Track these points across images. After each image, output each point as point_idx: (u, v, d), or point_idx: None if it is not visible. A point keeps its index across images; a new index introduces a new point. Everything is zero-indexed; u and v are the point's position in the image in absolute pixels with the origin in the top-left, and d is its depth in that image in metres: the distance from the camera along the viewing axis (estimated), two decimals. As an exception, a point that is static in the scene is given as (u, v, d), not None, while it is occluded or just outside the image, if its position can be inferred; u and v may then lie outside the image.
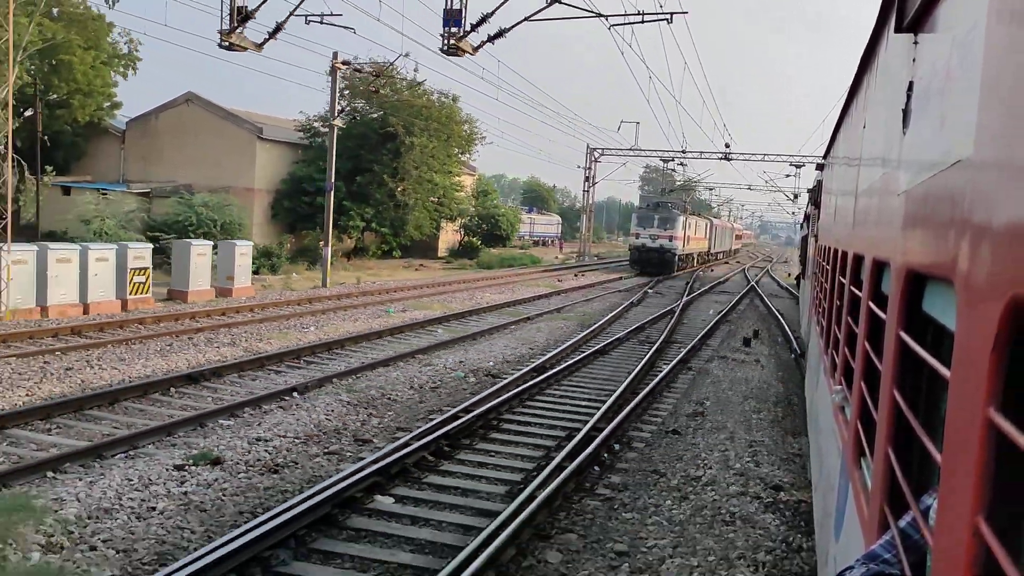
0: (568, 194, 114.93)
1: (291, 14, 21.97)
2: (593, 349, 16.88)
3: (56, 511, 6.80)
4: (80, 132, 37.33)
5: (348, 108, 36.85)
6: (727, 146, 48.42)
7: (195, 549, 6.30)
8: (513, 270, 41.02)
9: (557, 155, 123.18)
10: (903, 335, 2.26)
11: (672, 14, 22.54)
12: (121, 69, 38.45)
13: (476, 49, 20.93)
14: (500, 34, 20.87)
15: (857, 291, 3.99)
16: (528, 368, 14.37)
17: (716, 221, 65.36)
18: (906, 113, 2.60)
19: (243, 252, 23.56)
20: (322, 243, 29.13)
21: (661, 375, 14.32)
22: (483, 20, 20.28)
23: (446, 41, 20.22)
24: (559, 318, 22.72)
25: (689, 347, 17.80)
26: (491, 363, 15.26)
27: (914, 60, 2.54)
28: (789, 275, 50.04)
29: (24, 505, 6.77)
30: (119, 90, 39.87)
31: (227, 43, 20.82)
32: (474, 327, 19.88)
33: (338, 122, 29.88)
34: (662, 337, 18.91)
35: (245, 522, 6.87)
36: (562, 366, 14.64)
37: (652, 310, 25.84)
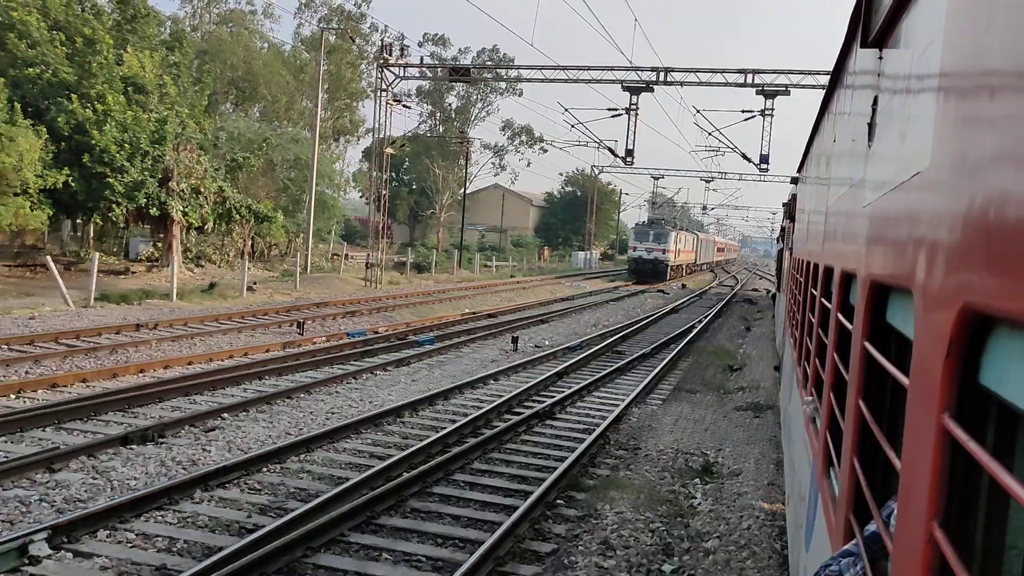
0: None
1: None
2: (724, 278, 62.69)
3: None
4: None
5: (566, 189, 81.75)
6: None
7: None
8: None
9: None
10: (868, 345, 2.28)
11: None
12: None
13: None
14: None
15: (827, 303, 4.02)
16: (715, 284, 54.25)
17: (702, 236, 72.97)
18: (871, 127, 2.61)
19: (597, 254, 70.14)
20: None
21: (745, 280, 61.24)
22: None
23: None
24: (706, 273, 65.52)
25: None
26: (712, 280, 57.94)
27: (879, 75, 2.56)
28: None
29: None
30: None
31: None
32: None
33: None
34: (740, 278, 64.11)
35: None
36: (720, 281, 58.38)
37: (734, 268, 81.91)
